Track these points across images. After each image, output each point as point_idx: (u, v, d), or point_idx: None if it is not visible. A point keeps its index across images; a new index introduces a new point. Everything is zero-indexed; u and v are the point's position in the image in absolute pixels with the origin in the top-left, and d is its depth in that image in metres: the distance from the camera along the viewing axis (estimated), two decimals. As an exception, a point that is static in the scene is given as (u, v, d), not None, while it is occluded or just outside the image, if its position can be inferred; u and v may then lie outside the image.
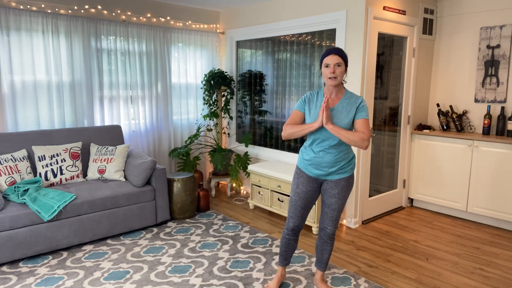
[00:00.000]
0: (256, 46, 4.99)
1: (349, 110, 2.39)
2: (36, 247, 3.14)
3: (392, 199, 4.43)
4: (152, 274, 2.93)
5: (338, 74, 2.34)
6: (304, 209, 2.55)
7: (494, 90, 4.14)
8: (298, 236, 2.64)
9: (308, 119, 2.45)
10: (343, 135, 2.29)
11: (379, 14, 3.76)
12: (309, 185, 2.50)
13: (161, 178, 3.86)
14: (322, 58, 2.38)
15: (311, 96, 2.48)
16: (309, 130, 2.36)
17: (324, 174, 2.47)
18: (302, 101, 2.49)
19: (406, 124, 4.41)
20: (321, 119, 2.31)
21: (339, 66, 2.34)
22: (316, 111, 2.43)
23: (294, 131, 2.42)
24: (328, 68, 2.34)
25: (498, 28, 4.06)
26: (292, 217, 2.56)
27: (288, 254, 2.68)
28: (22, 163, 3.48)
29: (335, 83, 2.36)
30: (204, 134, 5.35)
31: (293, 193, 2.54)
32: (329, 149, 2.41)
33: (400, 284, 2.84)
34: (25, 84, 3.83)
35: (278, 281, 2.73)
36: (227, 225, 3.95)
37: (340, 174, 2.47)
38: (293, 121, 2.48)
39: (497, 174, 3.84)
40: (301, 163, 2.54)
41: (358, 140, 2.29)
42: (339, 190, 2.47)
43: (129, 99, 4.57)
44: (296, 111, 2.49)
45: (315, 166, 2.45)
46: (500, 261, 3.22)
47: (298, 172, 2.55)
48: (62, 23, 3.98)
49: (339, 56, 2.34)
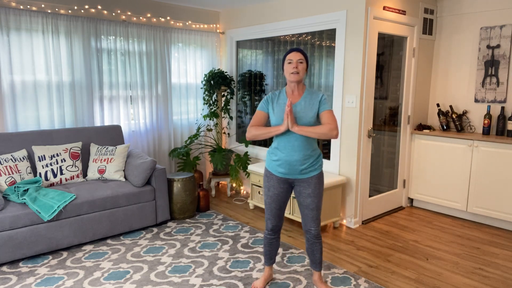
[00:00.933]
0: (256, 46, 4.99)
1: (313, 104, 2.47)
2: (36, 247, 3.14)
3: (392, 199, 4.43)
4: (152, 274, 2.94)
5: (300, 70, 2.44)
6: (279, 210, 2.61)
7: (494, 90, 4.14)
8: (279, 234, 2.70)
9: (273, 118, 2.50)
10: (312, 132, 2.36)
11: (379, 14, 3.76)
12: (280, 187, 2.55)
13: (161, 178, 3.86)
14: (285, 56, 2.48)
15: (273, 96, 2.54)
16: (276, 133, 2.41)
17: (294, 173, 2.50)
18: (265, 102, 2.54)
19: (406, 124, 4.41)
20: (287, 123, 2.35)
21: (301, 63, 2.44)
22: (279, 110, 2.48)
23: (260, 133, 2.45)
24: (291, 64, 2.44)
25: (498, 28, 4.06)
26: (270, 219, 2.62)
27: (272, 254, 2.74)
28: (22, 163, 3.48)
29: (297, 78, 2.45)
30: (204, 134, 5.35)
31: (266, 197, 2.60)
32: (297, 148, 2.45)
33: (400, 284, 2.84)
34: (25, 84, 3.83)
35: (265, 280, 2.78)
36: (227, 225, 3.95)
37: (311, 172, 2.51)
38: (258, 122, 2.52)
39: (497, 174, 3.84)
40: (270, 165, 2.57)
41: (327, 131, 2.35)
42: (312, 189, 2.51)
43: (129, 99, 4.57)
44: (259, 112, 2.53)
45: (285, 166, 2.48)
46: (500, 261, 3.22)
47: (267, 174, 2.58)
48: (62, 23, 3.98)
49: (301, 54, 2.45)
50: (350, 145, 3.89)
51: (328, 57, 4.11)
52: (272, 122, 2.52)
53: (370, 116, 3.90)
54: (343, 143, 3.95)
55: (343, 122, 3.93)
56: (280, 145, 2.49)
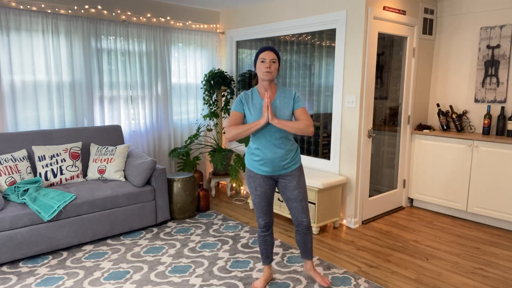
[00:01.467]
0: (256, 46, 4.99)
1: (287, 102, 2.54)
2: (36, 247, 3.14)
3: (392, 199, 4.43)
4: (152, 274, 2.94)
5: (273, 70, 2.49)
6: (269, 206, 2.67)
7: (494, 90, 4.14)
8: (272, 231, 2.73)
9: (250, 118, 2.52)
10: (290, 126, 2.41)
11: (379, 14, 3.76)
12: (266, 185, 2.60)
13: (161, 178, 3.86)
14: (257, 55, 2.53)
15: (247, 96, 2.58)
16: (256, 127, 2.43)
17: (278, 169, 2.55)
18: (239, 103, 2.56)
19: (406, 124, 4.41)
20: (267, 116, 2.39)
21: (274, 62, 2.50)
22: (255, 109, 2.52)
23: (240, 131, 2.45)
24: (264, 63, 2.48)
25: (498, 28, 4.06)
26: (261, 216, 2.67)
27: (268, 252, 2.76)
28: (22, 163, 3.48)
29: (270, 77, 2.49)
30: (204, 134, 5.35)
31: (254, 196, 2.64)
32: (278, 144, 2.51)
33: (400, 284, 2.84)
34: (25, 84, 3.83)
35: (265, 280, 2.78)
36: (227, 225, 3.95)
37: (293, 166, 2.58)
38: (235, 122, 2.53)
39: (497, 174, 3.84)
40: (252, 165, 2.60)
41: (304, 127, 2.42)
42: (297, 181, 2.58)
43: (129, 99, 4.57)
44: (235, 112, 2.55)
45: (268, 163, 2.53)
46: (500, 261, 3.22)
47: (251, 175, 2.61)
48: (62, 23, 3.98)
49: (274, 53, 2.50)
50: (350, 145, 3.89)
51: (328, 57, 4.11)
52: (248, 122, 2.54)
53: (370, 116, 3.91)
54: (343, 143, 3.95)
55: (343, 122, 3.93)
56: (261, 145, 2.53)
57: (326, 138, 4.24)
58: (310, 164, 4.33)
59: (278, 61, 2.55)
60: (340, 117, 3.94)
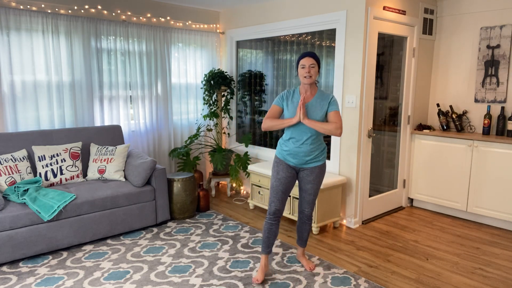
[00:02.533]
0: (256, 46, 4.99)
1: (323, 105, 2.74)
2: (36, 247, 3.14)
3: (392, 199, 4.43)
4: (152, 274, 2.93)
5: (313, 74, 2.69)
6: (284, 193, 2.82)
7: (494, 90, 4.14)
8: (279, 221, 2.85)
9: (286, 113, 2.78)
10: (319, 127, 2.63)
11: (379, 14, 3.76)
12: (288, 172, 2.81)
13: (161, 178, 3.86)
14: (298, 60, 2.74)
15: (288, 94, 2.82)
16: (288, 124, 2.69)
17: (301, 163, 2.79)
18: (280, 98, 2.81)
19: (406, 124, 4.41)
20: (299, 115, 2.63)
21: (313, 67, 2.69)
22: (293, 106, 2.75)
23: (274, 124, 2.73)
24: (304, 69, 2.69)
25: (498, 28, 4.06)
26: (274, 201, 2.81)
27: (270, 241, 2.87)
28: (22, 163, 3.48)
29: (310, 81, 2.70)
30: (204, 134, 5.35)
31: (274, 179, 2.82)
32: (305, 141, 2.74)
33: (400, 284, 2.84)
34: (25, 84, 3.83)
35: (263, 271, 2.86)
36: (227, 225, 3.95)
37: (315, 163, 2.81)
38: (272, 115, 2.79)
39: (497, 174, 3.84)
40: (280, 153, 2.85)
41: (332, 128, 2.63)
42: (314, 177, 2.82)
43: (129, 99, 4.57)
44: (275, 106, 2.81)
45: (294, 156, 2.78)
46: (500, 261, 3.22)
47: (277, 161, 2.85)
48: (62, 23, 3.98)
49: (313, 59, 2.70)
50: (350, 145, 3.89)
51: (328, 57, 4.11)
52: (285, 117, 2.80)
53: (370, 116, 3.90)
54: (343, 143, 3.95)
55: (343, 122, 3.93)
56: (292, 138, 2.77)
57: (326, 138, 4.24)
58: (310, 164, 4.33)
59: (318, 65, 2.73)
60: (340, 117, 3.94)
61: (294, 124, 2.69)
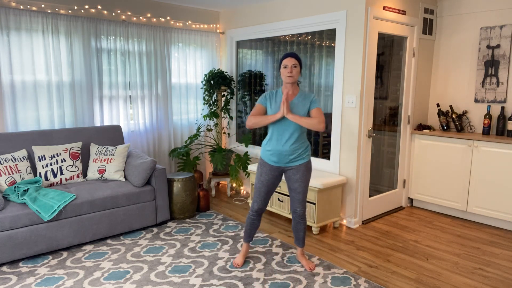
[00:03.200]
0: (256, 46, 4.99)
1: (305, 103, 2.81)
2: (36, 247, 3.14)
3: (392, 199, 4.43)
4: (152, 274, 2.94)
5: (295, 74, 2.77)
6: (267, 194, 2.95)
7: (494, 90, 4.14)
8: (261, 216, 3.05)
9: (270, 111, 2.85)
10: (302, 121, 2.69)
11: (379, 14, 3.76)
12: (271, 174, 2.89)
13: (161, 178, 3.86)
14: (281, 61, 2.81)
15: (271, 94, 2.90)
16: (273, 119, 2.74)
17: (285, 162, 2.85)
18: (264, 98, 2.89)
19: (406, 124, 4.41)
20: (283, 110, 2.69)
21: (295, 67, 2.77)
22: (276, 106, 2.84)
23: (259, 120, 2.79)
24: (286, 69, 2.76)
25: (498, 28, 4.06)
26: (256, 201, 2.97)
27: (252, 232, 3.09)
28: (22, 163, 3.48)
29: (292, 81, 2.78)
30: (204, 134, 5.35)
31: (257, 181, 2.94)
32: (288, 139, 2.80)
33: (400, 284, 2.84)
34: (25, 84, 3.83)
35: (243, 256, 3.11)
36: (227, 225, 3.95)
37: (299, 161, 2.86)
38: (257, 113, 2.86)
39: (497, 174, 3.84)
40: (264, 154, 2.92)
41: (315, 122, 2.68)
42: (300, 175, 2.85)
43: (129, 99, 4.57)
44: (259, 105, 2.89)
45: (277, 155, 2.83)
46: (500, 261, 3.22)
47: (261, 162, 2.93)
48: (62, 23, 3.98)
49: (295, 59, 2.77)
50: (350, 145, 3.89)
51: (328, 57, 4.11)
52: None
53: (370, 116, 3.91)
54: (343, 143, 3.95)
55: (343, 122, 3.93)
56: (274, 137, 2.84)
57: (326, 138, 4.24)
58: (310, 164, 4.33)
59: (300, 65, 2.80)
60: (340, 117, 3.94)
61: (277, 120, 2.76)
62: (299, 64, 2.79)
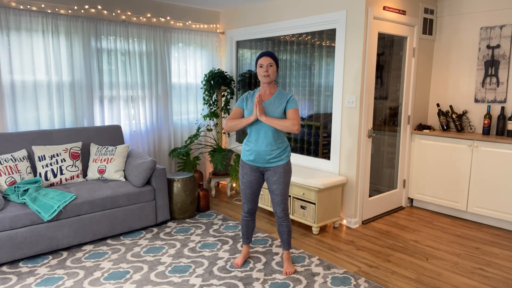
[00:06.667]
0: (256, 46, 4.99)
1: (281, 103, 2.77)
2: (36, 247, 3.14)
3: (392, 199, 4.43)
4: (152, 274, 2.94)
5: (271, 73, 2.75)
6: (253, 195, 2.95)
7: (494, 90, 4.14)
8: (254, 216, 3.05)
9: (246, 113, 2.84)
10: (276, 123, 2.67)
11: (379, 14, 3.76)
12: (252, 175, 2.89)
13: (161, 178, 3.86)
14: (257, 60, 2.78)
15: (248, 95, 2.88)
16: (247, 122, 2.75)
17: (263, 162, 2.82)
18: (241, 100, 2.89)
19: (406, 124, 4.41)
20: (256, 113, 2.69)
21: (271, 66, 2.74)
22: (251, 106, 2.82)
23: (234, 124, 2.80)
24: (262, 68, 2.74)
25: (498, 28, 4.06)
26: (245, 202, 2.98)
27: (249, 233, 3.08)
28: (22, 163, 3.48)
29: (268, 80, 2.76)
30: (204, 134, 5.35)
31: (240, 183, 2.95)
32: (264, 139, 2.77)
33: (400, 284, 2.84)
34: (25, 84, 3.83)
35: (244, 258, 3.11)
36: (227, 225, 3.95)
37: (277, 162, 2.82)
38: (234, 116, 2.86)
39: (497, 174, 3.84)
40: (243, 153, 2.92)
41: (289, 125, 2.65)
42: (278, 177, 2.82)
43: (129, 99, 4.57)
44: (236, 108, 2.88)
45: (255, 155, 2.82)
46: (500, 261, 3.22)
47: (242, 164, 2.93)
48: (62, 23, 3.98)
49: (271, 58, 2.74)
50: (350, 145, 3.89)
51: (328, 57, 4.11)
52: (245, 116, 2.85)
53: (370, 116, 3.91)
54: (343, 143, 3.95)
55: (343, 122, 3.93)
56: (251, 137, 2.84)
57: (326, 138, 4.24)
58: (310, 164, 4.33)
59: (276, 64, 2.77)
60: (340, 117, 3.94)
61: (254, 122, 2.75)
62: (275, 63, 2.75)
